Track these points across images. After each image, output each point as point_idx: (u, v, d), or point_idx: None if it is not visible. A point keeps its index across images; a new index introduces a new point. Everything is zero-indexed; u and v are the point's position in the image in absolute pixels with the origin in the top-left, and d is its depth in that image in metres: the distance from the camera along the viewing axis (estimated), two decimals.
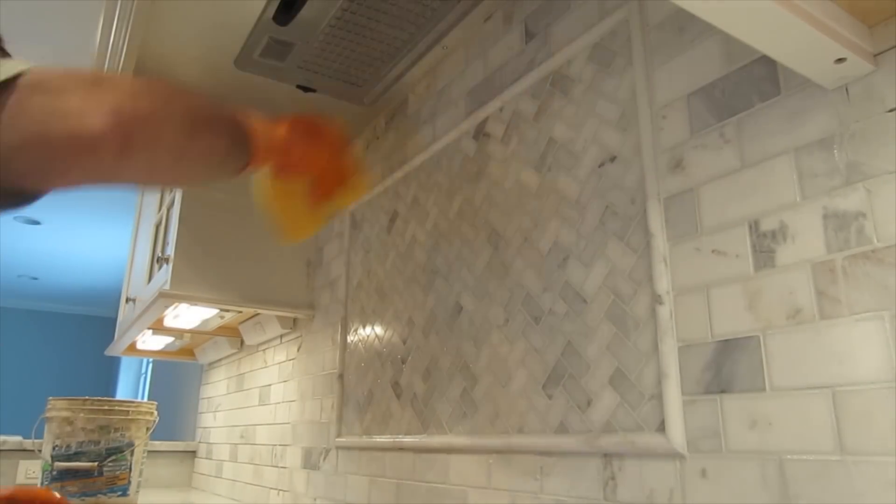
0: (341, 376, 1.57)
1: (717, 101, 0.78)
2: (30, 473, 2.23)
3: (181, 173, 0.60)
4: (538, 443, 0.94)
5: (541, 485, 0.93)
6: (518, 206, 1.07)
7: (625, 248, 0.86)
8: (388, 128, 1.59)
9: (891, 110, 0.61)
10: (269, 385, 2.03)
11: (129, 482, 1.66)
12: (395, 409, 1.33)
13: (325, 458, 1.58)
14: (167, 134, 0.54)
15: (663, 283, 0.79)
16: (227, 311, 1.93)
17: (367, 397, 1.44)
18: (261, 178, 0.72)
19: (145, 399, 3.26)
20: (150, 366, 5.13)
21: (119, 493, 1.63)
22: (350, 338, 1.57)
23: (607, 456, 0.83)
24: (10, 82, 0.46)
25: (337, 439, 1.51)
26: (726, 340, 0.71)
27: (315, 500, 1.59)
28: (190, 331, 2.26)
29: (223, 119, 0.62)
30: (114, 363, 7.46)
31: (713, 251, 0.75)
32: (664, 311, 0.78)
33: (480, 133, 1.21)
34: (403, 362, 1.33)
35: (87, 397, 1.70)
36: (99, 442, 1.63)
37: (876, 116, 0.63)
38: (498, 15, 1.23)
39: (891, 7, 0.62)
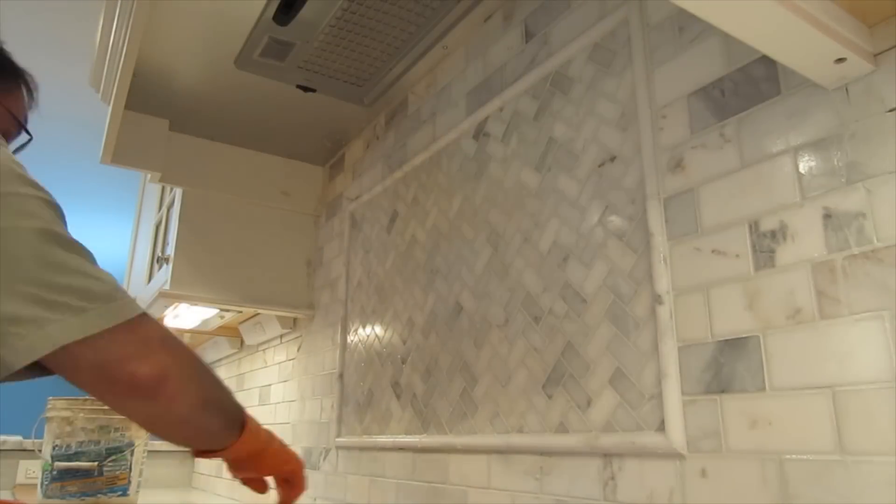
0: (341, 376, 1.57)
1: (717, 101, 0.78)
2: (30, 473, 2.23)
3: (182, 431, 0.70)
4: (538, 443, 0.94)
5: (541, 485, 0.93)
6: (518, 206, 1.07)
7: (625, 248, 0.86)
8: (388, 128, 1.59)
9: (891, 110, 0.61)
10: (269, 385, 2.03)
11: (129, 482, 1.66)
12: (395, 409, 1.33)
13: (324, 458, 1.58)
14: (190, 396, 0.66)
15: (663, 283, 0.79)
16: (227, 311, 1.93)
17: (366, 397, 1.44)
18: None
19: None
20: None
21: (119, 493, 1.63)
22: (350, 338, 1.57)
23: (607, 456, 0.83)
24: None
25: (337, 439, 1.51)
26: (726, 340, 0.71)
27: (315, 500, 1.59)
28: (190, 331, 2.26)
29: (232, 406, 0.74)
30: None
31: (713, 251, 0.75)
32: (664, 311, 0.78)
33: (480, 133, 1.21)
34: (403, 362, 1.33)
35: (87, 397, 1.69)
36: (99, 442, 1.63)
37: (876, 116, 0.62)
38: (498, 15, 1.22)
39: (891, 7, 0.62)
